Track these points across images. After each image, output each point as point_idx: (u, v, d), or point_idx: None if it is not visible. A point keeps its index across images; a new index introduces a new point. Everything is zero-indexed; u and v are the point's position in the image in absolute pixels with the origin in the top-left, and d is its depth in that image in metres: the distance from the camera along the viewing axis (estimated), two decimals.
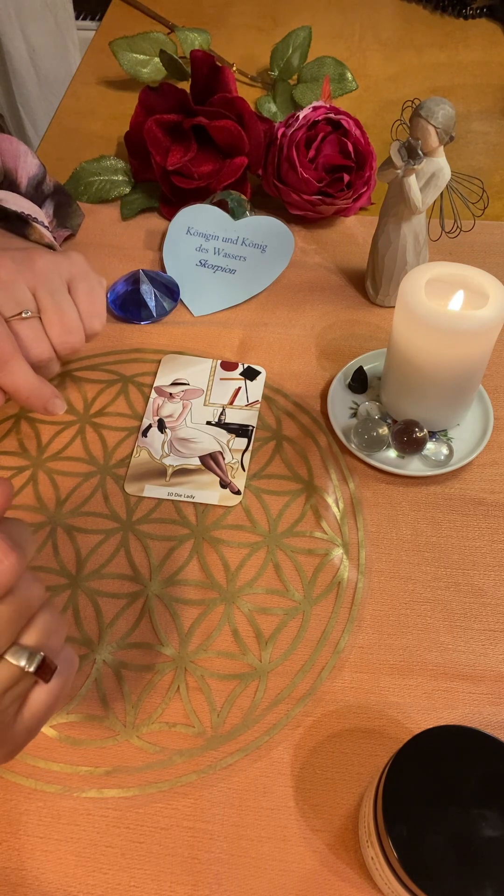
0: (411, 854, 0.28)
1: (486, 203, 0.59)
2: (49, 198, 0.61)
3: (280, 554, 0.46)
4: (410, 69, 0.87)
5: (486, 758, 0.30)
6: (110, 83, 0.85)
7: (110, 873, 0.36)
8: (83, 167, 0.69)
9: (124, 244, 0.66)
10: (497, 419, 0.52)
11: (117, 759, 0.39)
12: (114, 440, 0.52)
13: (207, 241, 0.63)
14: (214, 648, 0.43)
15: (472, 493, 0.49)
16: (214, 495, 0.49)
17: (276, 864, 0.36)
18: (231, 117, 0.63)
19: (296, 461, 0.51)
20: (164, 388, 0.55)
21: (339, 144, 0.63)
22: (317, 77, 0.79)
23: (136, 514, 0.48)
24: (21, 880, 0.35)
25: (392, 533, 0.47)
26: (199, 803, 0.38)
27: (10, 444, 0.52)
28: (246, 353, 0.57)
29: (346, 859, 0.36)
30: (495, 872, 0.28)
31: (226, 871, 0.36)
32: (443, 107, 0.49)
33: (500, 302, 0.43)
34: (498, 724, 0.40)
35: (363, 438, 0.49)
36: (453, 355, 0.45)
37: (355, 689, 0.41)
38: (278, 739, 0.39)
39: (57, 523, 0.48)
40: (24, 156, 0.57)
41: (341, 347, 0.58)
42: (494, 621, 0.43)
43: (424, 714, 0.40)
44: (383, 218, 0.56)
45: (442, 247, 0.64)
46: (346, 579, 0.45)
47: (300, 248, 0.65)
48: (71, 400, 0.54)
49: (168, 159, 0.64)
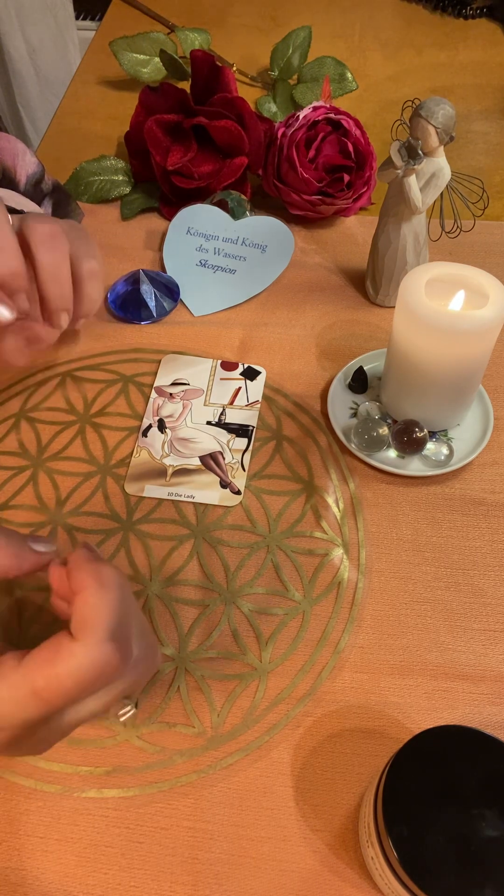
0: (411, 854, 0.28)
1: (486, 203, 0.59)
2: (48, 196, 0.61)
3: (280, 554, 0.46)
4: (410, 69, 0.87)
5: (486, 758, 0.30)
6: (110, 83, 0.85)
7: (110, 873, 0.36)
8: (83, 167, 0.69)
9: (124, 244, 0.66)
10: (497, 419, 0.52)
11: (117, 759, 0.39)
12: (114, 440, 0.52)
13: (207, 241, 0.63)
14: (214, 648, 0.43)
15: (472, 493, 0.49)
16: (214, 495, 0.49)
17: (276, 864, 0.36)
18: (231, 117, 0.63)
19: (296, 461, 0.51)
20: (164, 388, 0.55)
21: (339, 144, 0.63)
22: (317, 77, 0.79)
23: (137, 514, 0.48)
24: (21, 880, 0.35)
25: (392, 533, 0.47)
26: (199, 803, 0.38)
27: (10, 444, 0.52)
28: (246, 353, 0.57)
29: (346, 859, 0.36)
30: (495, 872, 0.28)
31: (226, 871, 0.36)
32: (443, 107, 0.49)
33: (500, 302, 0.43)
34: (498, 724, 0.40)
35: (363, 438, 0.49)
36: (453, 355, 0.45)
37: (355, 689, 0.41)
38: (278, 739, 0.39)
39: (57, 523, 0.48)
40: (22, 154, 0.57)
41: (341, 347, 0.58)
42: (494, 621, 0.43)
43: (424, 714, 0.40)
44: (383, 218, 0.56)
45: (442, 247, 0.64)
46: (346, 579, 0.45)
47: (300, 248, 0.65)
48: (71, 400, 0.54)
49: (168, 159, 0.64)
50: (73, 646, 0.27)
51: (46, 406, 0.54)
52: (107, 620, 0.28)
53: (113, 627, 0.28)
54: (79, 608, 0.28)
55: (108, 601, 0.28)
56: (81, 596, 0.28)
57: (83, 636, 0.27)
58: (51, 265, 0.41)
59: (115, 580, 0.29)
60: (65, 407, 0.54)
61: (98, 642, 0.27)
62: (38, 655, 0.27)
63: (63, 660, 0.27)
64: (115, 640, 0.28)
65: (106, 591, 0.28)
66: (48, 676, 0.27)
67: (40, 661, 0.27)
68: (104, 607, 0.28)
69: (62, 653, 0.27)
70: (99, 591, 0.28)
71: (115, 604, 0.28)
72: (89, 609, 0.28)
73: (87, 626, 0.28)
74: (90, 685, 0.28)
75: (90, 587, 0.28)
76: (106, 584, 0.29)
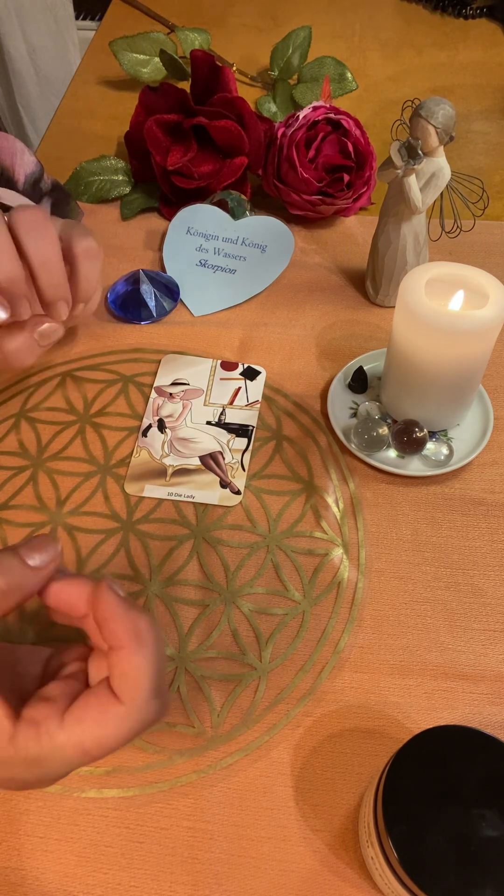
0: (411, 854, 0.28)
1: (486, 203, 0.59)
2: (47, 195, 0.61)
3: (280, 554, 0.46)
4: (410, 69, 0.87)
5: (486, 758, 0.30)
6: (110, 83, 0.85)
7: (110, 873, 0.36)
8: (83, 167, 0.69)
9: (124, 244, 0.66)
10: (497, 419, 0.52)
11: (117, 759, 0.39)
12: (114, 440, 0.52)
13: (207, 241, 0.63)
14: (214, 648, 0.42)
15: (472, 493, 0.49)
16: (214, 495, 0.49)
17: (276, 864, 0.36)
18: (231, 117, 0.63)
19: (296, 461, 0.51)
20: (164, 388, 0.55)
21: (339, 144, 0.63)
22: (317, 77, 0.79)
23: (137, 514, 0.48)
24: (21, 880, 0.35)
25: (392, 533, 0.47)
26: (199, 803, 0.38)
27: (10, 444, 0.52)
28: (246, 353, 0.57)
29: (346, 859, 0.36)
30: (495, 872, 0.28)
31: (226, 871, 0.36)
32: (443, 107, 0.49)
33: (500, 302, 0.43)
34: (498, 724, 0.40)
35: (363, 438, 0.49)
36: (453, 355, 0.45)
37: (355, 689, 0.41)
38: (278, 739, 0.39)
39: (57, 523, 0.48)
40: (20, 153, 0.57)
41: (341, 347, 0.58)
42: (494, 621, 0.43)
43: (424, 714, 0.40)
44: (383, 218, 0.56)
45: (442, 247, 0.64)
46: (346, 579, 0.45)
47: (300, 248, 0.65)
48: (71, 400, 0.54)
49: (168, 159, 0.64)
50: (120, 710, 0.27)
51: (46, 406, 0.54)
52: (150, 679, 0.27)
53: (155, 684, 0.28)
54: (120, 667, 0.27)
55: (150, 660, 0.28)
56: (121, 654, 0.27)
57: (128, 699, 0.27)
58: (39, 253, 0.39)
59: (152, 634, 0.28)
60: (65, 407, 0.54)
61: (145, 703, 0.27)
62: (86, 714, 0.27)
63: (112, 724, 0.27)
64: (158, 696, 0.28)
65: (145, 647, 0.28)
66: (98, 739, 0.27)
67: (89, 721, 0.27)
68: (147, 666, 0.27)
69: (111, 716, 0.27)
70: (140, 650, 0.27)
71: (156, 660, 0.28)
72: (132, 670, 0.27)
73: (131, 689, 0.27)
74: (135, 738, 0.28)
75: (130, 646, 0.27)
76: (145, 640, 0.28)
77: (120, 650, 0.27)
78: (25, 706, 0.28)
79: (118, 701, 0.27)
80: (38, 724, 0.27)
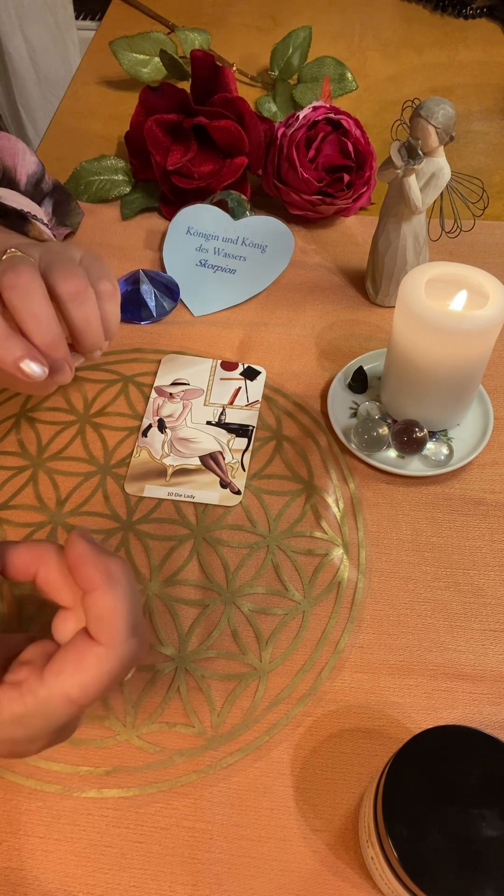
0: (411, 854, 0.28)
1: (486, 203, 0.59)
2: (48, 196, 0.61)
3: (280, 554, 0.46)
4: (410, 69, 0.87)
5: (486, 758, 0.30)
6: (110, 83, 0.84)
7: (110, 873, 0.36)
8: (83, 167, 0.69)
9: (124, 244, 0.66)
10: (497, 419, 0.52)
11: (117, 759, 0.39)
12: (114, 440, 0.52)
13: (207, 241, 0.63)
14: (214, 648, 0.42)
15: (472, 493, 0.49)
16: (214, 495, 0.49)
17: (276, 864, 0.36)
18: (231, 117, 0.63)
19: (296, 461, 0.51)
20: (164, 388, 0.55)
21: (339, 144, 0.63)
22: (317, 77, 0.79)
23: (137, 513, 0.48)
24: (21, 880, 0.35)
25: (392, 533, 0.47)
26: (199, 803, 0.38)
27: (10, 444, 0.52)
28: (246, 353, 0.57)
29: (346, 859, 0.36)
30: (495, 872, 0.28)
31: (226, 871, 0.36)
32: (443, 107, 0.49)
33: (500, 302, 0.43)
34: (498, 724, 0.40)
35: (363, 438, 0.49)
36: (453, 355, 0.45)
37: (355, 689, 0.41)
38: (278, 739, 0.39)
39: (57, 523, 0.48)
40: (22, 154, 0.57)
41: (341, 347, 0.58)
42: (494, 621, 0.43)
43: (424, 714, 0.40)
44: (383, 218, 0.56)
45: (442, 247, 0.64)
46: (346, 579, 0.45)
47: (300, 248, 0.65)
48: (71, 400, 0.54)
49: (168, 159, 0.64)
50: (99, 650, 0.27)
51: (46, 406, 0.54)
52: (125, 617, 0.28)
53: (130, 622, 0.28)
54: (93, 608, 0.28)
55: (122, 597, 0.28)
56: (93, 595, 0.28)
57: (106, 639, 0.28)
58: (82, 319, 0.41)
59: (122, 572, 0.29)
60: (65, 407, 0.54)
61: (122, 642, 0.28)
62: (65, 664, 0.27)
63: (92, 666, 0.27)
64: (135, 634, 0.28)
65: (118, 586, 0.28)
66: (81, 685, 0.27)
67: (69, 669, 0.27)
68: (119, 604, 0.28)
69: (89, 659, 0.27)
70: (112, 589, 0.28)
71: (128, 597, 0.28)
72: (106, 610, 0.28)
73: (108, 628, 0.28)
74: (118, 680, 0.28)
75: (103, 586, 0.28)
76: (116, 578, 0.28)
77: (94, 591, 0.28)
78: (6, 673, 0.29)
79: (96, 643, 0.28)
80: (19, 685, 0.27)
